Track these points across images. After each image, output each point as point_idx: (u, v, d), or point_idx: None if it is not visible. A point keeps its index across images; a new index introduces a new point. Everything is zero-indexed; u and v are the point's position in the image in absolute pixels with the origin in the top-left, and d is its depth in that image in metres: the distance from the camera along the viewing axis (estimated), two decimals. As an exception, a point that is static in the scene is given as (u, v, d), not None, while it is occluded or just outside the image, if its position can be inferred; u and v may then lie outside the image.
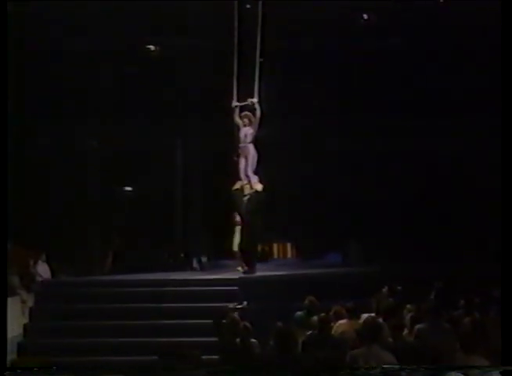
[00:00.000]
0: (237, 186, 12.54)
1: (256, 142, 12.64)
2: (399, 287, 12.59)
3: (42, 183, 17.10)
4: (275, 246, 21.77)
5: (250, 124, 12.76)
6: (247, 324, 9.04)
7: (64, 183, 17.23)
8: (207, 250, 17.99)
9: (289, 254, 21.23)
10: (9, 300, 13.00)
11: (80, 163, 17.67)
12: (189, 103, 17.16)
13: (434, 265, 14.82)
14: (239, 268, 12.97)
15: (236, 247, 13.35)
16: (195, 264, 17.10)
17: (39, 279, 15.35)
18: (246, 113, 12.79)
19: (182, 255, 18.06)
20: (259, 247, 20.17)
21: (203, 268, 16.90)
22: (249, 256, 12.61)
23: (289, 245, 21.28)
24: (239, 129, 12.77)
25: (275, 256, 21.53)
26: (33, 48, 15.88)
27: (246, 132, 12.75)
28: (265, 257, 20.33)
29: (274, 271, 14.01)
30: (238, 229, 13.18)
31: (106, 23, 15.70)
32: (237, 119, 12.77)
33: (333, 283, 12.53)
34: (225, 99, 13.02)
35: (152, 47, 16.64)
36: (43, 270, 16.03)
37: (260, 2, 12.80)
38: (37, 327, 11.11)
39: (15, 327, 12.15)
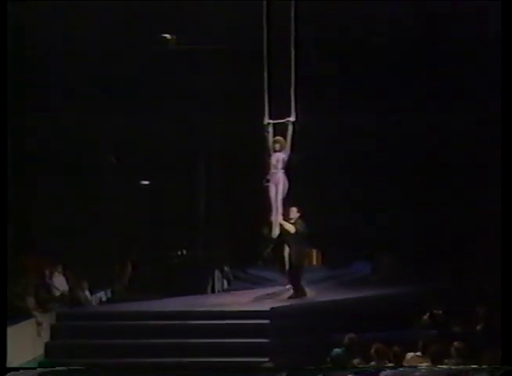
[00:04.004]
0: (277, 231, 11.97)
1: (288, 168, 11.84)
2: (440, 312, 12.11)
3: (56, 189, 16.40)
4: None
5: (282, 149, 11.88)
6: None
7: (78, 189, 16.48)
8: (231, 259, 17.23)
9: (314, 261, 20.41)
10: (24, 323, 12.69)
11: (95, 167, 16.92)
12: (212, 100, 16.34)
13: (472, 280, 14.05)
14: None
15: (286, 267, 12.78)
16: (217, 276, 16.38)
17: (56, 292, 14.67)
18: (279, 138, 11.86)
19: (204, 264, 17.27)
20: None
21: (229, 282, 16.26)
22: (296, 280, 12.10)
23: (314, 252, 20.47)
24: (270, 154, 11.88)
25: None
26: (43, 40, 15.03)
27: (278, 158, 11.87)
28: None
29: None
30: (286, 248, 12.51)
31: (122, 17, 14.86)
32: (270, 142, 11.84)
33: (369, 310, 11.87)
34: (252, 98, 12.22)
35: (168, 36, 15.63)
36: (59, 282, 15.19)
37: (292, 2, 11.78)
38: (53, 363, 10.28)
39: (30, 351, 11.83)
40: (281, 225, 11.90)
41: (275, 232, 11.84)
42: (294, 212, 12.15)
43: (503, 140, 9.40)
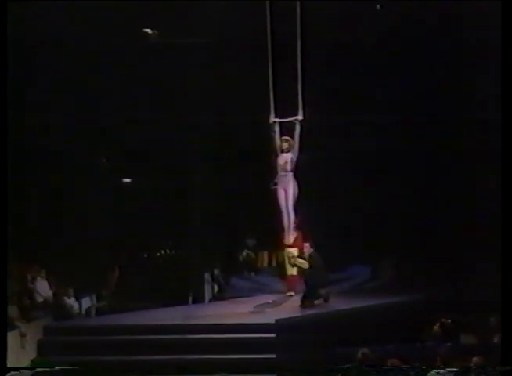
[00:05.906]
0: (291, 254, 11.94)
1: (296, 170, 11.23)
2: (449, 321, 11.81)
3: (38, 191, 16.08)
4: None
5: (290, 149, 11.24)
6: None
7: (62, 190, 16.02)
8: (221, 263, 16.62)
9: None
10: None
11: (82, 168, 16.25)
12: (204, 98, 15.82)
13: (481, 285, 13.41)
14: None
15: (291, 272, 12.62)
16: (207, 280, 15.91)
17: (39, 298, 14.20)
18: (287, 138, 11.21)
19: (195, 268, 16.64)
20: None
21: (220, 287, 15.84)
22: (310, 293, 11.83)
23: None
24: (277, 155, 11.24)
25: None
26: (34, 39, 14.67)
27: (287, 159, 11.21)
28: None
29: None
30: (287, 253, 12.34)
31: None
32: (277, 141, 11.19)
33: (377, 320, 11.46)
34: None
35: (149, 30, 15.17)
36: (42, 288, 14.67)
37: (298, 2, 11.21)
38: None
39: (13, 365, 11.14)
40: (294, 261, 11.91)
41: (289, 240, 11.46)
42: (308, 248, 11.90)
43: (503, 141, 9.27)
